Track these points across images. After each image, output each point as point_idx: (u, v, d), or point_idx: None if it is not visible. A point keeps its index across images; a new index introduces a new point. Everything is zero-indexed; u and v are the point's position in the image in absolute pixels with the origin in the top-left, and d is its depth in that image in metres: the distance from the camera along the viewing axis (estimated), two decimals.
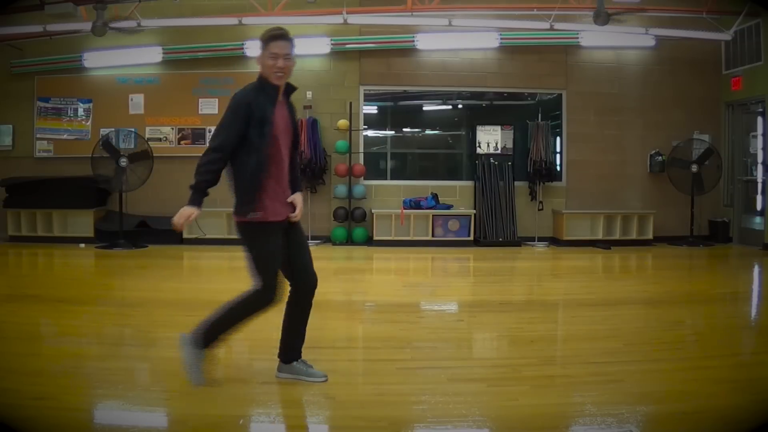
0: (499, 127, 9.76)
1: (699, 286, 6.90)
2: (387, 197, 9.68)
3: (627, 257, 8.72)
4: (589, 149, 9.88)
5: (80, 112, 9.68)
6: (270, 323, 4.94)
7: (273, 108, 3.19)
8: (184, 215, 3.19)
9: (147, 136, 9.44)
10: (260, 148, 3.15)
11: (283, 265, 3.30)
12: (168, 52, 9.49)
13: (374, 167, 9.95)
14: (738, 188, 9.83)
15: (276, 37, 3.19)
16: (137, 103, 9.66)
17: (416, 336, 4.55)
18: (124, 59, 9.50)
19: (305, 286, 3.36)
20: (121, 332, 4.63)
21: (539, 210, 9.74)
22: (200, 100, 9.66)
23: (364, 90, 9.81)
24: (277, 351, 3.49)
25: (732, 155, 9.91)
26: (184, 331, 4.60)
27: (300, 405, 3.18)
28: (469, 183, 9.87)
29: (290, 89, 3.34)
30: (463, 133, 10.35)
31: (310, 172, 9.24)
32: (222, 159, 3.21)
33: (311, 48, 9.35)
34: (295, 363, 3.46)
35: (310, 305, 3.41)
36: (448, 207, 9.59)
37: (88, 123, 9.67)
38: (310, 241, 4.26)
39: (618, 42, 9.59)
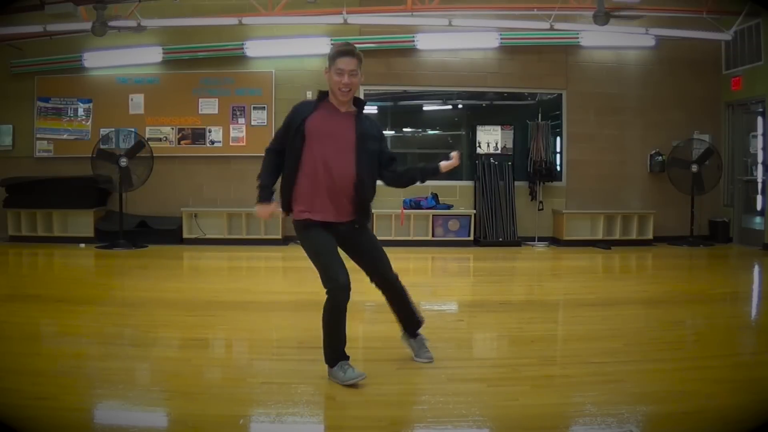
0: (499, 127, 9.76)
1: (699, 286, 6.89)
2: (387, 197, 9.63)
3: (627, 257, 8.72)
4: (589, 149, 9.88)
5: (80, 112, 9.68)
6: (270, 323, 4.96)
7: (309, 119, 3.34)
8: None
9: (147, 136, 9.43)
10: (293, 156, 3.35)
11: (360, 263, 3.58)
12: (168, 52, 9.48)
13: None
14: (738, 188, 9.83)
15: (343, 53, 3.34)
16: (137, 103, 9.65)
17: None
18: (124, 59, 9.49)
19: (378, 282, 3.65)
20: (121, 332, 4.62)
21: (539, 210, 9.74)
22: (200, 100, 9.66)
23: (365, 90, 9.78)
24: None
25: (732, 155, 9.91)
26: (184, 331, 4.61)
27: (300, 405, 3.18)
28: (469, 183, 9.87)
29: (358, 104, 3.46)
30: (463, 133, 10.34)
31: None
32: (268, 157, 3.49)
33: (311, 48, 9.35)
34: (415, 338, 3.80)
35: (393, 294, 3.71)
36: (448, 207, 9.59)
37: (88, 123, 9.66)
38: None
39: (618, 42, 9.59)
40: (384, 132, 3.66)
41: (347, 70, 3.28)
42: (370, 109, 10.05)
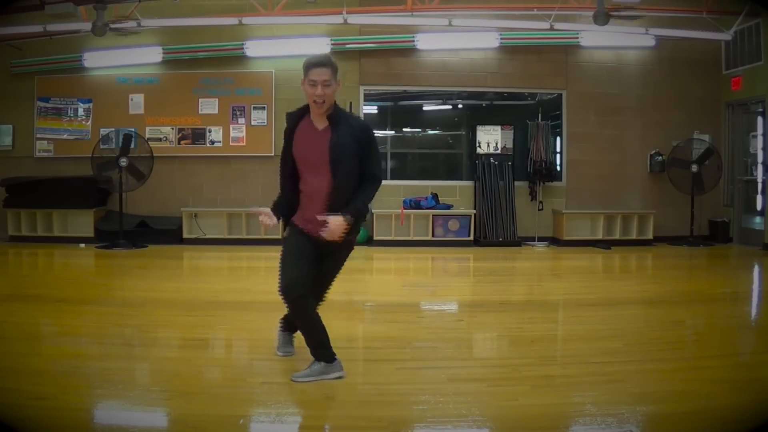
0: (499, 127, 9.76)
1: (699, 286, 6.90)
2: (387, 197, 9.65)
3: (627, 257, 8.72)
4: (589, 149, 9.88)
5: (80, 112, 9.68)
6: (270, 323, 4.95)
7: (294, 133, 3.36)
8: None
9: (147, 136, 9.44)
10: (290, 173, 3.43)
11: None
12: (168, 52, 9.48)
13: None
14: (738, 188, 9.83)
15: (316, 64, 3.24)
16: (137, 103, 9.66)
17: (416, 336, 4.55)
18: (124, 59, 9.49)
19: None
20: (121, 332, 4.62)
21: (539, 210, 9.74)
22: (200, 100, 9.66)
23: (365, 90, 9.81)
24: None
25: (732, 155, 9.91)
26: (184, 331, 4.60)
27: (300, 405, 3.18)
28: (469, 183, 9.87)
29: (338, 116, 3.32)
30: (463, 133, 10.34)
31: None
32: (281, 183, 3.52)
33: (311, 48, 9.31)
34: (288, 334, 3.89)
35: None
36: (448, 207, 9.59)
37: (88, 123, 9.67)
38: None
39: (618, 42, 9.59)
40: (371, 139, 3.41)
41: (320, 81, 3.21)
42: (370, 110, 10.05)
